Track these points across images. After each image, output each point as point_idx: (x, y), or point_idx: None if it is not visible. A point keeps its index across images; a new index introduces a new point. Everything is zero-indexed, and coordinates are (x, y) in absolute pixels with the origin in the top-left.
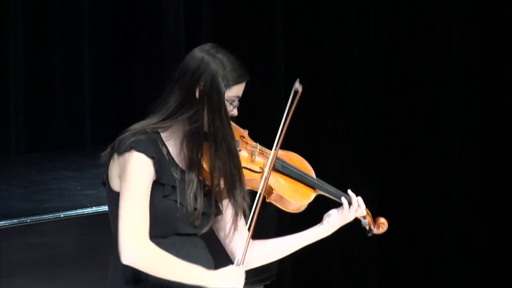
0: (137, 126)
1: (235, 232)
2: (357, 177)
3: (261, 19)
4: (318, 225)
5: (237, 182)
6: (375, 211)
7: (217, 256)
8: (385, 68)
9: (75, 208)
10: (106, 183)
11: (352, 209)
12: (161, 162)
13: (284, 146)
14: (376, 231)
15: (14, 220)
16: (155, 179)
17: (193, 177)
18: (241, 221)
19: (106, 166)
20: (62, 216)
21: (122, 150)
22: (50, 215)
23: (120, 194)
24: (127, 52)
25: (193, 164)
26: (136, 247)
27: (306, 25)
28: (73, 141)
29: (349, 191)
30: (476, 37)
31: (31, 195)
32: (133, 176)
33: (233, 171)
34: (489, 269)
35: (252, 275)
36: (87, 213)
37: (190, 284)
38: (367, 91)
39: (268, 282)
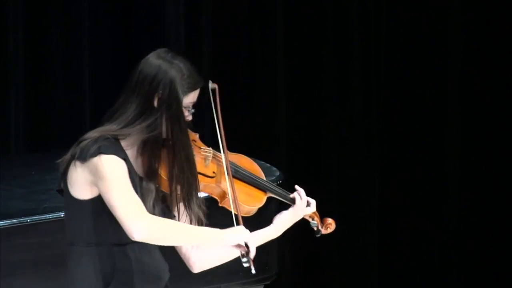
0: (95, 133)
1: None
2: (357, 177)
3: (261, 19)
4: (269, 226)
5: (194, 191)
6: (375, 210)
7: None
8: (385, 68)
9: None
10: (64, 190)
11: (301, 206)
12: (128, 167)
13: (283, 145)
14: (324, 231)
15: (14, 220)
16: None
17: (151, 185)
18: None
19: (63, 174)
20: (62, 216)
21: (87, 157)
22: (50, 215)
23: (104, 192)
24: (127, 52)
25: (151, 172)
26: (144, 220)
27: (306, 25)
28: (73, 141)
29: (297, 187)
30: (476, 37)
31: (31, 195)
32: (111, 173)
33: (190, 179)
34: (490, 269)
35: (252, 275)
36: None
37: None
38: (367, 91)
39: (268, 282)
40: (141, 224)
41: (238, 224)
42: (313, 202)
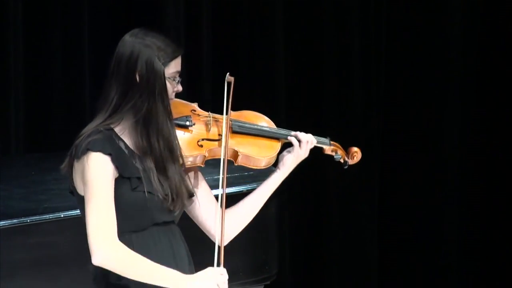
0: (89, 128)
1: (208, 210)
2: (357, 177)
3: (261, 19)
4: (274, 170)
5: (168, 163)
6: (375, 211)
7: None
8: (385, 68)
9: (75, 208)
10: (74, 191)
11: (303, 146)
12: (121, 157)
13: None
14: (351, 161)
15: (14, 220)
16: (117, 175)
17: (150, 163)
18: (211, 198)
19: (69, 175)
20: (62, 216)
21: (79, 155)
22: (50, 215)
23: (84, 197)
24: None
25: (146, 151)
26: (106, 248)
27: (306, 25)
28: (73, 141)
29: (292, 133)
30: (476, 38)
31: (31, 195)
32: (93, 177)
33: (163, 153)
34: (490, 271)
35: (252, 275)
36: None
37: (162, 286)
38: (367, 91)
39: (268, 282)
40: (101, 251)
41: (218, 263)
42: (310, 139)
